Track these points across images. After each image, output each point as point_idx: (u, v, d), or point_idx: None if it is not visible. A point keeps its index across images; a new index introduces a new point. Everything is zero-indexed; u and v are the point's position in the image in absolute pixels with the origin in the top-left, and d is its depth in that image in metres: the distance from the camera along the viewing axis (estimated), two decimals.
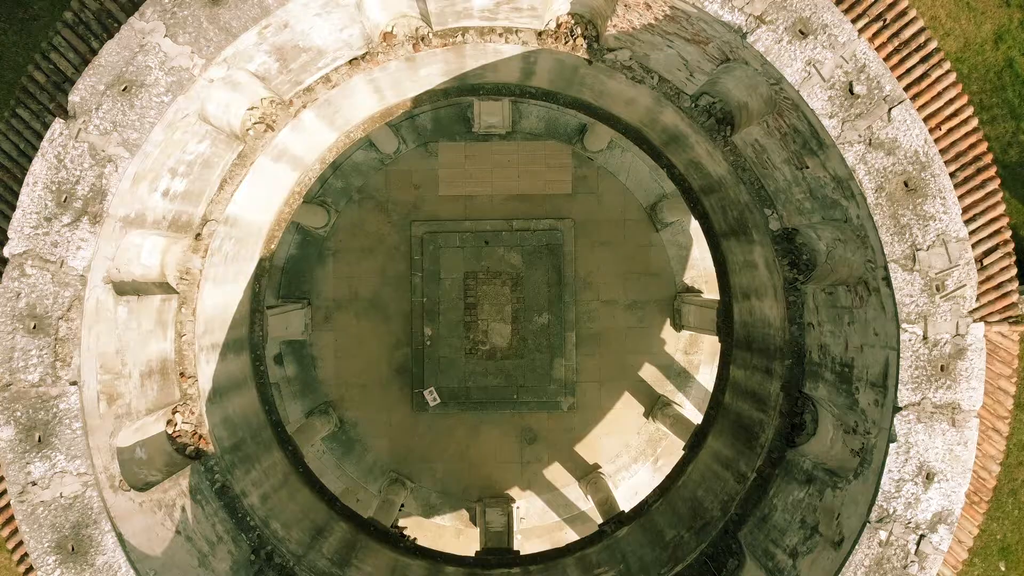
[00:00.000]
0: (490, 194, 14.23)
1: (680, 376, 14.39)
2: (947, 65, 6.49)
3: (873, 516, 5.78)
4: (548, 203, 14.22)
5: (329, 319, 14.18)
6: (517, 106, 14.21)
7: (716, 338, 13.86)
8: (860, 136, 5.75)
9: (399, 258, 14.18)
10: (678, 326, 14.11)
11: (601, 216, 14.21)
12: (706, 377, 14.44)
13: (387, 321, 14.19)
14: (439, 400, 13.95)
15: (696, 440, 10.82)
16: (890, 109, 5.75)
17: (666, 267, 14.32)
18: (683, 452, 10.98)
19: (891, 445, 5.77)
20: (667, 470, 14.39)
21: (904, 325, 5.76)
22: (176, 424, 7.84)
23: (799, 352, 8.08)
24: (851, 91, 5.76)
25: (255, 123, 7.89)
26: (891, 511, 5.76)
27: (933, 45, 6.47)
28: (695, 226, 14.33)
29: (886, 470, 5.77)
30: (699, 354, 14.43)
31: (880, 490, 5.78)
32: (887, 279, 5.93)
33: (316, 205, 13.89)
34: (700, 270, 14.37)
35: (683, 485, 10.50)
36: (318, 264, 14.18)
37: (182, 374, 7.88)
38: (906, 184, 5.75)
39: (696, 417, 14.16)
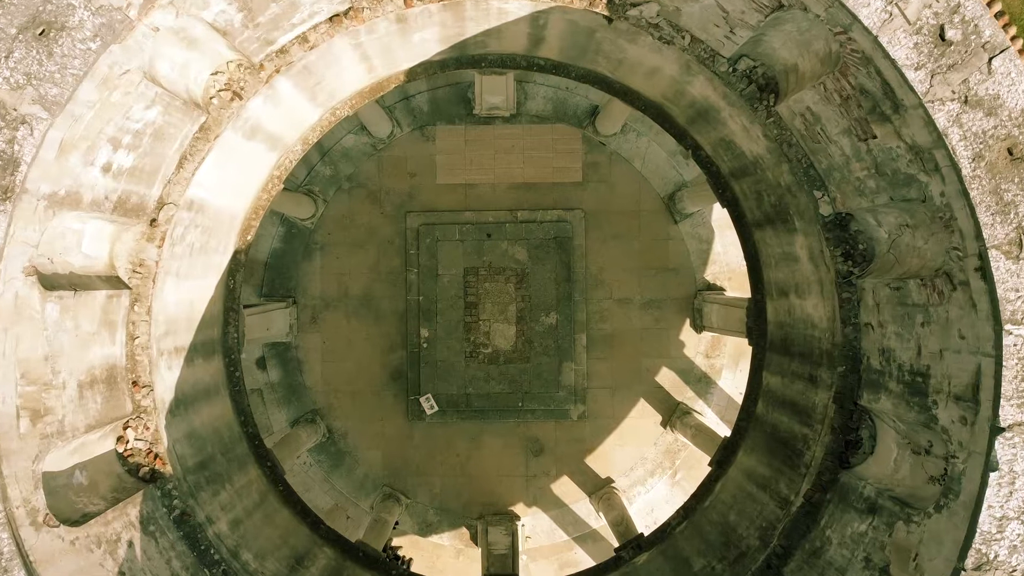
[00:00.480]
0: (492, 182, 13.21)
1: (701, 382, 13.36)
2: (1012, 30, 5.46)
3: (969, 562, 4.74)
4: (556, 192, 13.20)
5: (316, 319, 13.17)
6: (522, 86, 13.19)
7: (742, 340, 12.87)
8: (954, 92, 4.71)
9: (393, 253, 13.16)
10: (699, 327, 13.08)
11: (614, 206, 13.20)
12: (728, 383, 13.42)
13: (380, 321, 13.17)
14: (437, 408, 12.94)
15: (724, 455, 9.79)
16: (991, 59, 4.71)
17: (685, 262, 13.29)
18: (710, 468, 9.94)
19: (991, 475, 4.72)
20: (687, 485, 13.42)
21: (1008, 327, 4.72)
22: (128, 441, 6.81)
23: (854, 358, 7.04)
24: (942, 37, 4.72)
25: (220, 90, 6.86)
26: (991, 556, 4.73)
27: (998, 7, 5.43)
28: (717, 217, 13.33)
29: (985, 505, 4.73)
30: (721, 357, 13.39)
31: (977, 530, 4.74)
32: (982, 270, 4.90)
33: (302, 194, 12.88)
34: (723, 265, 13.34)
35: (711, 507, 9.46)
36: (304, 259, 13.16)
37: (135, 383, 6.86)
38: (1010, 152, 4.71)
39: (718, 426, 13.15)
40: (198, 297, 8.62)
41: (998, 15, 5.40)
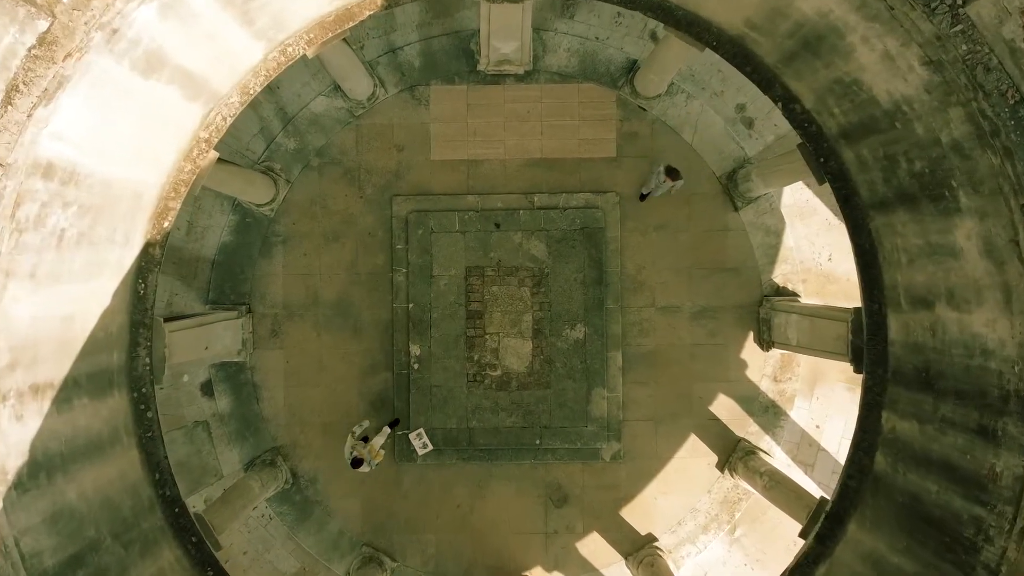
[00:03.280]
0: (502, 158, 10.89)
1: (767, 412, 10.93)
2: None
3: None
4: (584, 171, 10.83)
5: (278, 333, 10.78)
6: (540, 35, 10.77)
7: (821, 360, 10.46)
8: None
9: (375, 247, 10.79)
10: (766, 343, 10.65)
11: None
12: (803, 414, 10.97)
13: (358, 335, 10.80)
14: (431, 446, 10.56)
15: (828, 527, 7.33)
16: None
17: (748, 260, 10.89)
18: (808, 544, 7.48)
19: None
20: (749, 544, 11.00)
21: None
22: None
23: None
24: None
25: None
26: None
27: None
28: (789, 202, 10.95)
29: None
30: (793, 381, 10.94)
31: None
32: None
33: (258, 172, 10.47)
34: (795, 264, 10.90)
35: None
36: (262, 256, 10.78)
37: None
38: None
39: (789, 469, 10.79)
40: (81, 309, 6.22)
41: None
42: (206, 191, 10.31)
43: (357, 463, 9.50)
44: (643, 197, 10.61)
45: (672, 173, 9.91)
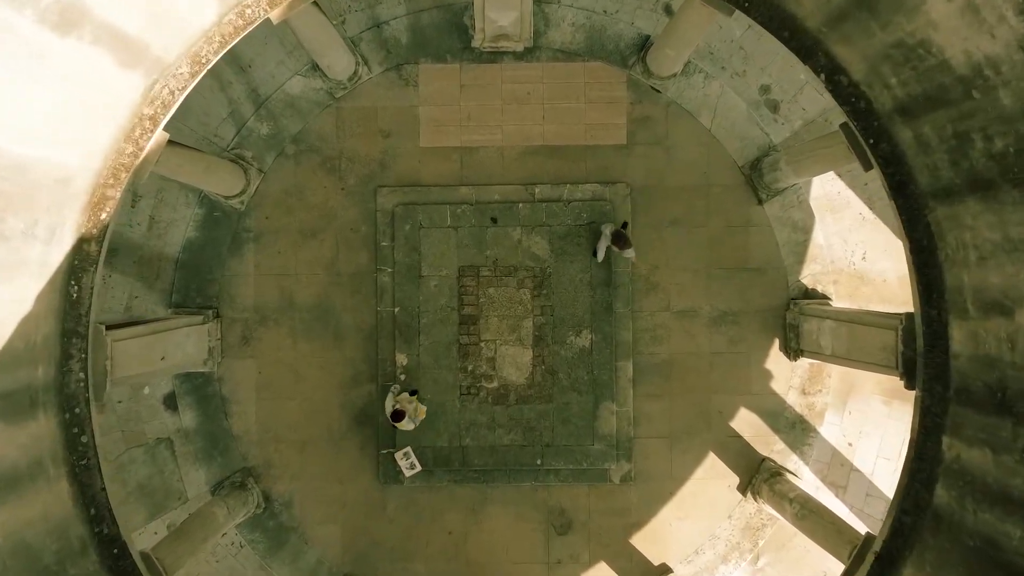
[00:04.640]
0: (500, 145, 10.04)
1: (795, 428, 10.01)
2: None
3: None
4: (590, 159, 9.98)
5: (249, 340, 9.86)
6: (542, 8, 9.82)
7: (855, 372, 9.53)
8: None
9: (358, 244, 9.90)
10: (794, 351, 9.73)
11: (672, 180, 9.99)
12: (834, 431, 10.06)
13: (339, 343, 9.92)
14: (419, 467, 9.65)
15: (878, 570, 6.38)
16: None
17: (773, 258, 9.98)
18: None
19: None
20: (775, 575, 10.03)
21: None
22: None
23: None
24: None
25: None
26: None
27: None
28: (819, 194, 10.12)
29: None
30: (824, 394, 10.01)
31: None
32: None
33: (227, 161, 9.52)
34: (826, 264, 9.97)
35: None
36: (232, 254, 9.89)
37: None
38: None
39: (818, 492, 9.87)
40: None
41: None
42: (167, 181, 9.39)
43: (398, 416, 8.88)
44: (595, 253, 9.73)
45: (620, 239, 8.92)
